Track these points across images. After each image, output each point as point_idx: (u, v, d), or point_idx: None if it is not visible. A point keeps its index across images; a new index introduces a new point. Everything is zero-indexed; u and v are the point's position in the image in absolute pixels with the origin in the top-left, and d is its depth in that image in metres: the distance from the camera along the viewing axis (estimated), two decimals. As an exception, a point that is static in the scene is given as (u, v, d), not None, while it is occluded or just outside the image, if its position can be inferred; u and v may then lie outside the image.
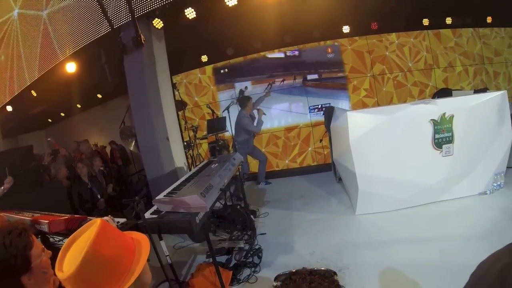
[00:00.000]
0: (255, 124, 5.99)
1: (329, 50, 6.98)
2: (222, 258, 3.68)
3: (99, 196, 5.05)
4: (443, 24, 6.94)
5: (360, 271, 3.12)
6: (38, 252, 1.29)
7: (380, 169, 4.10)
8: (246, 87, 7.14)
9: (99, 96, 9.20)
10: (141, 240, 1.11)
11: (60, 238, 2.73)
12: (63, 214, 3.08)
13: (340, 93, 7.07)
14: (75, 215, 3.04)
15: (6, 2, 6.19)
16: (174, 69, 6.47)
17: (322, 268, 1.21)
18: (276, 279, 1.18)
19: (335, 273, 1.23)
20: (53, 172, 5.16)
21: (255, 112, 6.13)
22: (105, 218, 2.11)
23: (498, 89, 6.12)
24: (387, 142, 4.04)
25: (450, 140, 4.05)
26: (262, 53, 7.12)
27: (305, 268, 1.18)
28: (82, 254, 0.92)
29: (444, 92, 6.17)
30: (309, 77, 7.09)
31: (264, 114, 6.00)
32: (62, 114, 10.85)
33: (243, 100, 6.20)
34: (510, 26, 7.15)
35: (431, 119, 4.02)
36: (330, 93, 7.09)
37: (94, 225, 1.00)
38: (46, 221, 2.71)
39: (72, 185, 4.97)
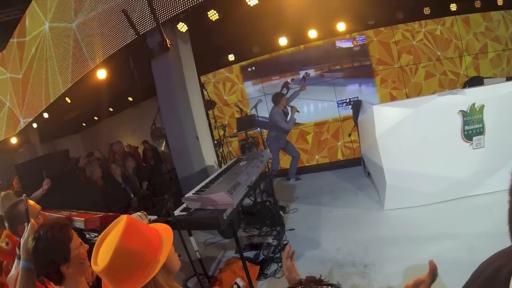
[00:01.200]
0: (287, 120, 6.03)
1: (355, 42, 6.89)
2: (250, 254, 3.77)
3: (132, 195, 5.27)
4: (472, 8, 6.61)
5: (386, 267, 3.10)
6: (76, 245, 1.46)
7: (408, 163, 4.04)
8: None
9: (130, 99, 9.53)
10: (165, 230, 1.22)
11: (95, 234, 2.92)
12: (98, 213, 3.28)
13: (368, 87, 6.98)
14: (110, 213, 3.22)
15: (38, 16, 6.56)
16: (202, 69, 6.61)
17: (329, 282, 1.24)
18: None
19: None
20: (88, 173, 5.42)
21: (289, 108, 6.16)
22: (138, 213, 2.23)
23: None
24: (414, 136, 3.97)
25: (481, 132, 3.90)
26: (288, 50, 7.12)
27: (310, 277, 1.22)
28: (112, 249, 1.03)
29: (476, 81, 5.96)
30: (336, 71, 7.04)
31: (298, 111, 6.01)
32: (96, 118, 11.31)
33: (276, 96, 6.23)
34: None
35: (460, 110, 3.89)
36: (358, 87, 7.02)
37: (121, 221, 1.12)
38: (83, 219, 2.91)
39: (107, 186, 5.20)
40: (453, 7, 6.54)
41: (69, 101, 6.57)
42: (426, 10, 6.60)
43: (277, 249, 3.77)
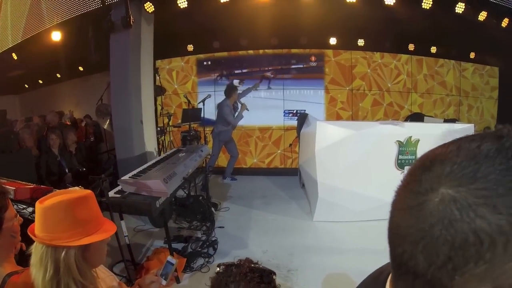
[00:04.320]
0: (235, 116, 6.07)
1: (313, 58, 7.14)
2: (179, 246, 3.76)
3: (66, 170, 5.03)
4: (427, 52, 7.22)
5: (308, 273, 3.27)
6: (11, 216, 1.35)
7: (342, 181, 4.28)
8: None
9: (81, 68, 9.06)
10: (110, 228, 1.28)
11: (24, 206, 2.76)
12: (29, 183, 3.11)
13: (317, 102, 7.24)
14: (41, 186, 3.09)
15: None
16: (159, 54, 6.48)
17: (263, 267, 1.27)
18: (219, 265, 1.24)
19: (274, 274, 1.29)
20: (24, 139, 5.10)
21: (239, 104, 6.20)
22: (76, 188, 2.18)
23: (469, 122, 6.40)
24: (351, 156, 4.21)
25: (412, 163, 4.24)
26: (247, 51, 7.22)
27: (248, 259, 1.27)
28: (63, 199, 1.15)
29: (417, 117, 6.43)
30: (289, 81, 7.26)
31: (247, 109, 6.08)
32: (40, 82, 10.58)
33: (229, 89, 6.22)
34: (491, 65, 7.50)
35: (397, 140, 4.22)
36: (307, 101, 7.26)
37: (86, 191, 1.25)
38: (13, 188, 2.74)
39: (41, 156, 4.93)
40: (411, 47, 7.11)
41: (15, 57, 6.11)
42: (386, 44, 7.06)
43: (205, 244, 3.80)
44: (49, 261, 1.11)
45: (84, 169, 5.47)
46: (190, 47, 7.21)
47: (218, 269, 1.22)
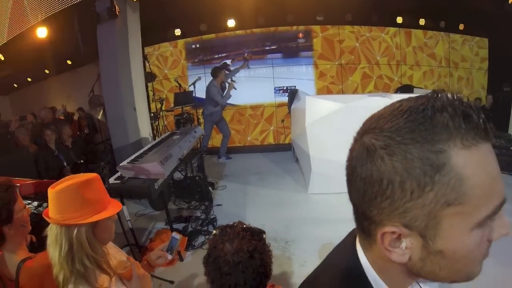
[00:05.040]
0: (223, 95, 6.10)
1: (301, 35, 7.17)
2: (179, 226, 3.87)
3: (65, 164, 5.09)
4: (416, 24, 7.22)
5: (304, 244, 3.40)
6: (20, 207, 1.49)
7: (334, 153, 4.28)
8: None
9: (69, 62, 9.02)
10: (116, 205, 1.39)
11: (29, 201, 2.85)
12: (30, 179, 3.19)
13: (307, 78, 7.31)
14: (44, 180, 3.18)
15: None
16: (147, 41, 6.50)
17: (254, 227, 1.40)
18: (215, 228, 1.39)
19: (264, 232, 1.42)
20: (19, 138, 5.14)
21: (228, 84, 6.23)
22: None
23: (458, 93, 6.49)
24: (342, 129, 4.22)
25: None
26: (234, 32, 7.23)
27: (241, 222, 1.39)
28: (71, 183, 1.25)
29: (407, 89, 6.50)
30: (278, 59, 7.30)
31: (235, 88, 6.09)
32: (29, 80, 10.51)
33: (215, 70, 6.21)
34: (480, 36, 7.51)
35: (386, 111, 4.30)
36: (297, 77, 7.32)
37: (91, 174, 1.34)
38: (18, 185, 2.83)
39: (39, 152, 4.98)
40: (399, 20, 7.10)
41: (2, 58, 6.09)
42: (374, 18, 7.06)
43: (205, 222, 3.93)
44: (64, 239, 1.21)
45: (82, 161, 5.54)
46: (177, 32, 7.21)
47: (214, 231, 1.35)
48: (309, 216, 4.04)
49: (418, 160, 0.45)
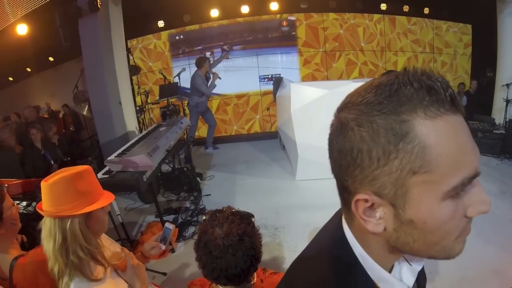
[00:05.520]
0: (208, 85, 6.09)
1: (284, 23, 7.17)
2: (170, 218, 3.89)
3: (52, 162, 5.05)
4: (400, 11, 7.28)
5: (294, 230, 3.47)
6: (9, 205, 1.49)
7: (320, 139, 4.30)
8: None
9: (51, 59, 8.85)
10: (108, 197, 1.40)
11: (17, 202, 2.84)
12: (17, 180, 3.17)
13: (291, 66, 7.33)
14: (31, 179, 3.17)
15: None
16: (130, 34, 6.42)
17: (242, 211, 1.42)
18: (205, 214, 1.38)
19: (252, 216, 1.42)
20: (3, 139, 5.07)
21: (211, 74, 6.21)
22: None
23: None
24: (327, 115, 4.18)
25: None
26: (218, 22, 7.20)
27: (230, 206, 1.43)
28: (65, 175, 1.27)
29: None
30: (263, 48, 7.30)
31: (219, 78, 6.09)
32: (10, 79, 10.29)
33: (199, 60, 6.19)
34: (464, 22, 7.60)
35: (370, 96, 4.35)
36: (282, 65, 7.35)
37: (83, 167, 1.35)
38: (6, 185, 2.81)
39: (25, 153, 4.92)
40: (383, 6, 7.14)
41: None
42: (358, 5, 7.10)
43: (195, 213, 3.95)
44: (57, 231, 1.22)
45: (69, 158, 5.49)
46: (160, 23, 7.16)
47: (204, 217, 1.38)
48: (297, 202, 4.10)
49: (383, 130, 0.47)
